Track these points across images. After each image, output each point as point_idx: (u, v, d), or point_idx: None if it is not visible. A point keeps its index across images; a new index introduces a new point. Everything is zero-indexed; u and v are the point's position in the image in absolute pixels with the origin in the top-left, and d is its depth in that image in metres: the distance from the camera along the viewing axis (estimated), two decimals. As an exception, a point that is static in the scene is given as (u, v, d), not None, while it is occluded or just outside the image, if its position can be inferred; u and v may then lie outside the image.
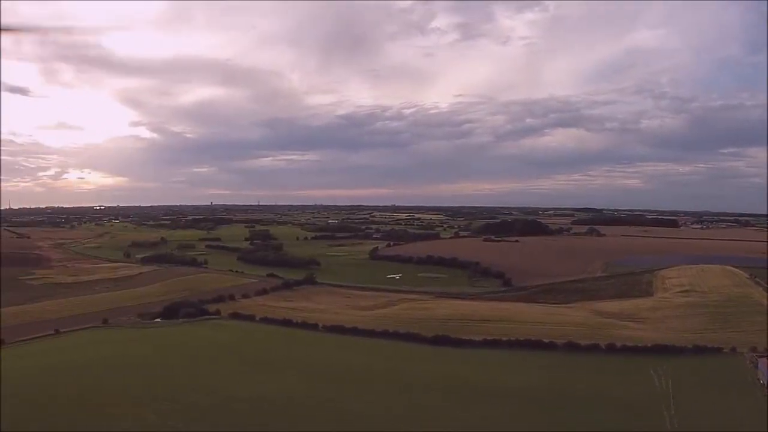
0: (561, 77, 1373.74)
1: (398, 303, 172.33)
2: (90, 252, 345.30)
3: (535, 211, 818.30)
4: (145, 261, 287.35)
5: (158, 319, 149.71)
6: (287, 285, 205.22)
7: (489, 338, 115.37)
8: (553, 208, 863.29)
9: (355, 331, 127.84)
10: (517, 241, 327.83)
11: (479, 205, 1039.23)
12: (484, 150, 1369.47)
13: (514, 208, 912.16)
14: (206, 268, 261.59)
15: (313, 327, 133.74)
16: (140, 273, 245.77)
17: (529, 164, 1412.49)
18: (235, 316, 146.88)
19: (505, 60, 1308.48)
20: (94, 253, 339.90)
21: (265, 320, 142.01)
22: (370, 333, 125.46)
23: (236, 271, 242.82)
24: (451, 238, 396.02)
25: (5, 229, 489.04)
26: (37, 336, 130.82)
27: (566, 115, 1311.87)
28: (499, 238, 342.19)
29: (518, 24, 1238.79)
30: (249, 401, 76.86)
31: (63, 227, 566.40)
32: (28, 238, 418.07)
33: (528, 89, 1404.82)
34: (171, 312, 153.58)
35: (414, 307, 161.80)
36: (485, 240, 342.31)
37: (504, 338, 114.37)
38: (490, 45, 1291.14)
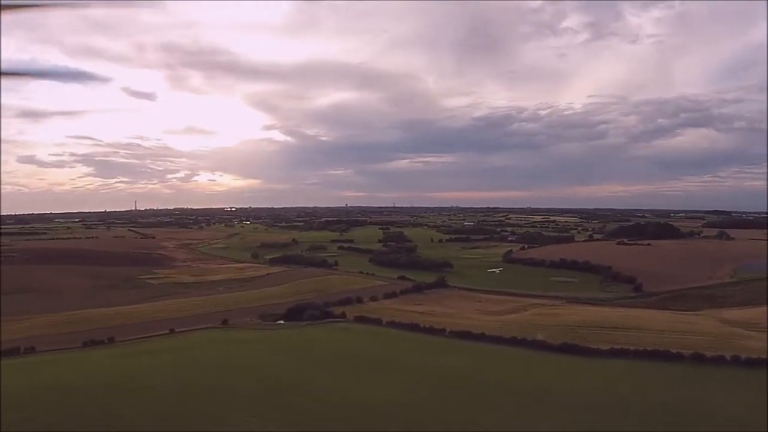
0: (689, 75, 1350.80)
1: (528, 308, 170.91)
2: (217, 252, 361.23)
3: (666, 213, 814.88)
4: (273, 262, 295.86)
5: (281, 321, 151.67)
6: (417, 288, 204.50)
7: (617, 347, 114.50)
8: (684, 211, 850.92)
9: (482, 338, 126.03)
10: (649, 244, 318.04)
11: (613, 207, 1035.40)
12: (618, 151, 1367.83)
13: (647, 210, 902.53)
14: (336, 269, 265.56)
15: (440, 332, 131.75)
16: (267, 274, 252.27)
17: (661, 166, 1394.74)
18: (361, 319, 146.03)
19: (635, 59, 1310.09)
20: (222, 253, 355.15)
21: (391, 324, 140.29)
22: (498, 340, 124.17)
23: (366, 273, 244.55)
24: (585, 240, 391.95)
25: (129, 230, 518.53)
26: (149, 335, 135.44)
27: (696, 115, 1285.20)
28: (632, 242, 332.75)
29: (645, 21, 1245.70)
30: (361, 408, 73.55)
31: (191, 228, 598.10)
32: (153, 238, 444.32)
33: (658, 88, 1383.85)
34: (294, 314, 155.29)
35: (543, 313, 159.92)
36: (618, 243, 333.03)
37: (632, 348, 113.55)
38: (620, 44, 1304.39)
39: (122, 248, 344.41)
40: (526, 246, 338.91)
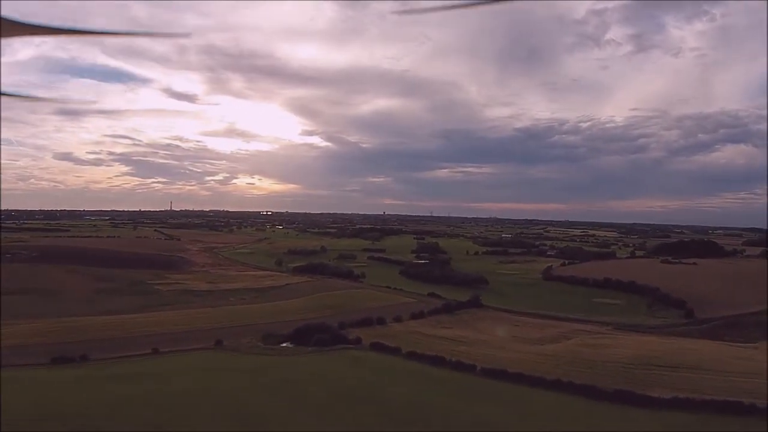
0: (730, 90, 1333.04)
1: (572, 336, 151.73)
2: (240, 258, 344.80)
3: (704, 230, 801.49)
4: (296, 271, 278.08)
5: (286, 344, 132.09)
6: (448, 307, 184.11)
7: (680, 396, 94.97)
8: (722, 228, 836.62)
9: (520, 378, 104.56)
10: (695, 263, 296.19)
11: (650, 222, 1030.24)
12: (658, 166, 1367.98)
13: (684, 226, 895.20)
14: (362, 282, 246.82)
15: (470, 369, 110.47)
16: (287, 284, 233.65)
17: (699, 181, 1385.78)
18: (377, 347, 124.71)
19: (677, 72, 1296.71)
20: (245, 259, 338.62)
21: (412, 355, 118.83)
22: (539, 382, 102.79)
23: (394, 288, 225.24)
24: (627, 257, 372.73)
25: (155, 230, 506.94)
26: (128, 355, 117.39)
27: (735, 131, 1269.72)
28: (677, 260, 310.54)
29: (688, 34, 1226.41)
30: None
31: (221, 231, 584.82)
32: (178, 240, 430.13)
33: (699, 103, 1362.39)
34: (302, 335, 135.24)
35: (590, 344, 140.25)
36: (663, 261, 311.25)
37: (696, 396, 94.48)
38: (663, 57, 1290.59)
39: (141, 249, 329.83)
40: (566, 262, 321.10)
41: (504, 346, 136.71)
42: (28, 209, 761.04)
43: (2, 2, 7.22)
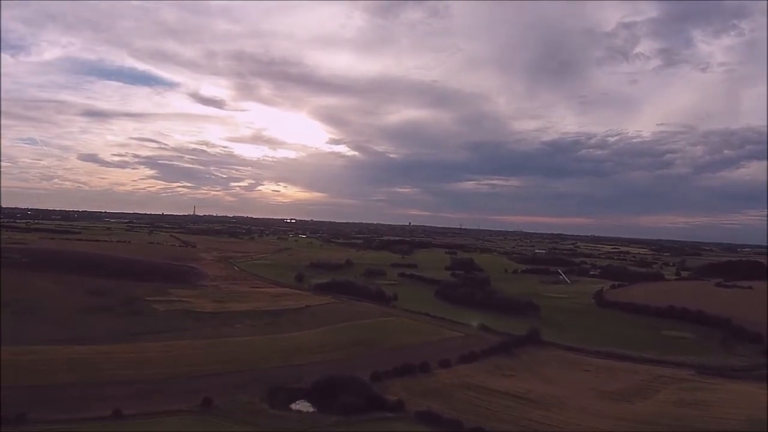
0: (757, 105, 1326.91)
1: (658, 386, 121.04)
2: (258, 270, 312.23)
3: (732, 247, 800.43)
4: (318, 288, 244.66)
5: (300, 403, 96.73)
6: (504, 346, 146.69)
7: None
8: (748, 246, 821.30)
9: None
10: (750, 287, 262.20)
11: (674, 238, 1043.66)
12: (683, 181, 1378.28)
13: (710, 243, 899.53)
14: (394, 306, 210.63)
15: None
16: (307, 306, 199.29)
17: (723, 198, 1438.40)
18: (428, 418, 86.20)
19: (705, 87, 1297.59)
20: (263, 272, 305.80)
21: (480, 432, 79.50)
22: None
23: (433, 317, 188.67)
24: (677, 279, 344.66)
25: (171, 235, 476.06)
26: (77, 418, 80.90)
27: (760, 147, 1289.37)
28: (732, 284, 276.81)
29: (716, 49, 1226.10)
30: None
31: (241, 238, 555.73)
32: (193, 247, 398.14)
33: (726, 118, 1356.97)
34: (323, 392, 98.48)
35: (687, 400, 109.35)
36: (717, 285, 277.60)
37: None
38: (691, 71, 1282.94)
39: (150, 257, 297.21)
40: (615, 284, 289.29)
41: (587, 407, 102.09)
42: (49, 209, 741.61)
43: (37, 1, 5.27)
